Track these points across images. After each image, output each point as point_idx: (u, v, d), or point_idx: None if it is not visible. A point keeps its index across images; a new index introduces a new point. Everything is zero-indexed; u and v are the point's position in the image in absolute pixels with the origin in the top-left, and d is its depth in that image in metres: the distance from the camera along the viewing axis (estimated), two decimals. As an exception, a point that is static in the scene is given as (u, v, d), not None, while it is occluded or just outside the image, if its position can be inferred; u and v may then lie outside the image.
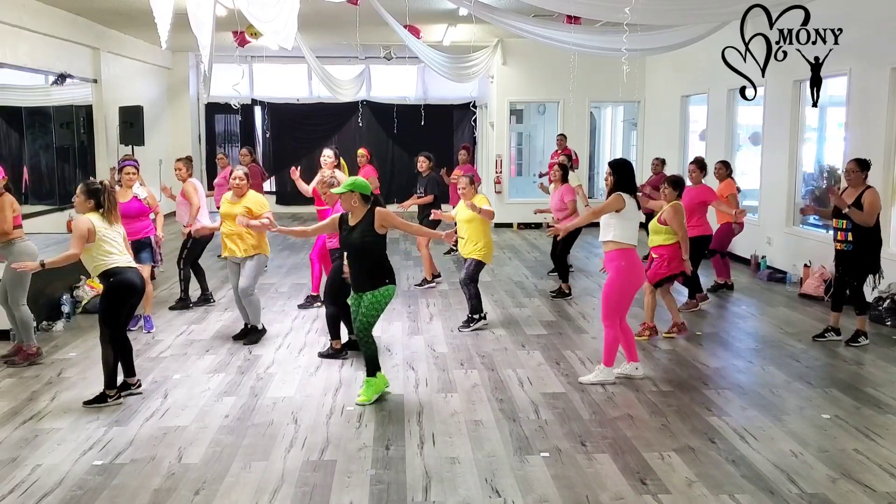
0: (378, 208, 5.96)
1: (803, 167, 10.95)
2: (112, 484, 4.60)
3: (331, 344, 7.20)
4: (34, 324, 7.13)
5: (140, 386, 6.21)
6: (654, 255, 7.80)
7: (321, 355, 7.17)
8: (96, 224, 5.87)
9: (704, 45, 10.75)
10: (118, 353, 6.02)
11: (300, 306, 9.20)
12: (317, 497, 4.45)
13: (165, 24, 7.27)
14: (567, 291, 9.76)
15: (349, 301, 6.40)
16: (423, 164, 10.89)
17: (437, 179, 11.12)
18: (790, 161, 10.81)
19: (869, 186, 7.39)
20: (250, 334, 7.71)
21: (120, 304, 6.00)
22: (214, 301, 9.36)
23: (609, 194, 6.42)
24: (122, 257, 6.00)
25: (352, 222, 6.01)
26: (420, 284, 10.43)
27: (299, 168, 9.61)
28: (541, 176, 17.31)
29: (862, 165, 7.43)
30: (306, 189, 9.50)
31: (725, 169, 10.08)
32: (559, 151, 14.10)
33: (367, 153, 11.41)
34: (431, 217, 8.83)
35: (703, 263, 9.44)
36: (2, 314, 7.31)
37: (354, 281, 6.11)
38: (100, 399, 5.94)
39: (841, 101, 9.85)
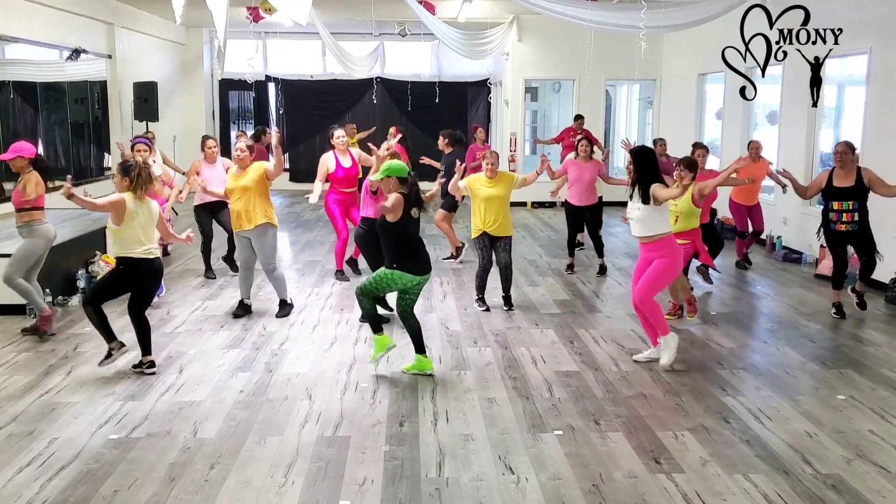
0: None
1: (821, 146, 10.83)
2: (128, 457, 4.64)
3: None
4: (32, 290, 7.07)
5: (152, 366, 6.13)
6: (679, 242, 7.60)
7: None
8: (129, 206, 5.88)
9: (722, 23, 10.63)
10: (101, 314, 6.08)
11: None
12: (331, 472, 4.48)
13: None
14: (603, 267, 9.80)
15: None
16: (441, 142, 10.71)
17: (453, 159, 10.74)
18: (807, 140, 10.68)
19: (860, 167, 7.58)
20: (281, 308, 7.78)
21: (117, 289, 6.15)
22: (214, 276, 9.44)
23: (633, 185, 6.19)
24: (142, 246, 5.97)
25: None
26: (448, 258, 10.51)
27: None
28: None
29: (853, 148, 7.70)
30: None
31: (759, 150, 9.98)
32: (574, 129, 13.70)
33: (395, 131, 11.21)
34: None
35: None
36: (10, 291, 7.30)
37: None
38: (107, 355, 6.15)
39: (860, 79, 9.71)
